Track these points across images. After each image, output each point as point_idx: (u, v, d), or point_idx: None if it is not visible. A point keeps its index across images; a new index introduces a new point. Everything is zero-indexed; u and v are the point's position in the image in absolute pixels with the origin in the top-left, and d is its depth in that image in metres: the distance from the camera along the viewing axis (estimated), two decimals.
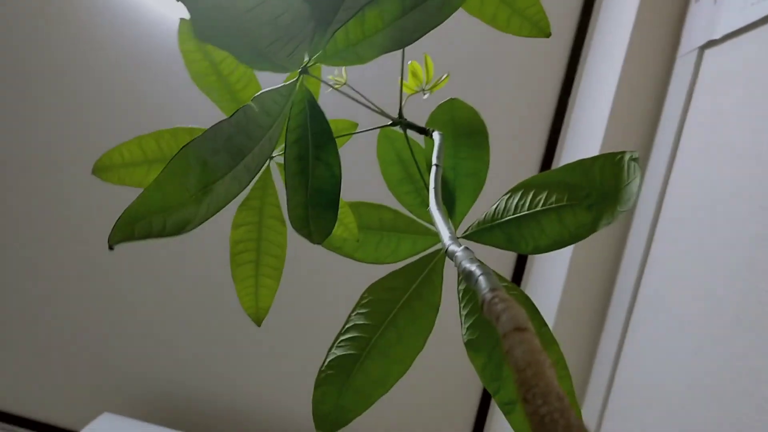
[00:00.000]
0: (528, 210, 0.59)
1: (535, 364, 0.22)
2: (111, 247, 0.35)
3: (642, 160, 1.39)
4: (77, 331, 2.03)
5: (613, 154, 0.56)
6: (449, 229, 0.48)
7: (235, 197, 0.46)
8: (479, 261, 0.38)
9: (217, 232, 1.94)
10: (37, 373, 2.05)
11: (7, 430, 2.04)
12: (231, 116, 0.41)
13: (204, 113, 1.90)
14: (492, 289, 0.31)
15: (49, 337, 2.03)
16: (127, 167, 0.56)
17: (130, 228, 0.36)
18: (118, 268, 1.99)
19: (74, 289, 2.01)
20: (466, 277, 0.36)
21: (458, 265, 0.39)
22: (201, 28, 0.37)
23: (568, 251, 1.49)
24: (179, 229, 0.39)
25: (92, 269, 2.00)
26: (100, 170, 0.55)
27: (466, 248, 0.41)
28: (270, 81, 0.55)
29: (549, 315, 1.50)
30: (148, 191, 0.37)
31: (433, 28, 0.52)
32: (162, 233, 0.38)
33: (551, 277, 1.59)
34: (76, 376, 2.05)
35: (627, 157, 0.55)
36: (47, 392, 2.06)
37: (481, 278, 0.34)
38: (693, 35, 1.34)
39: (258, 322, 0.66)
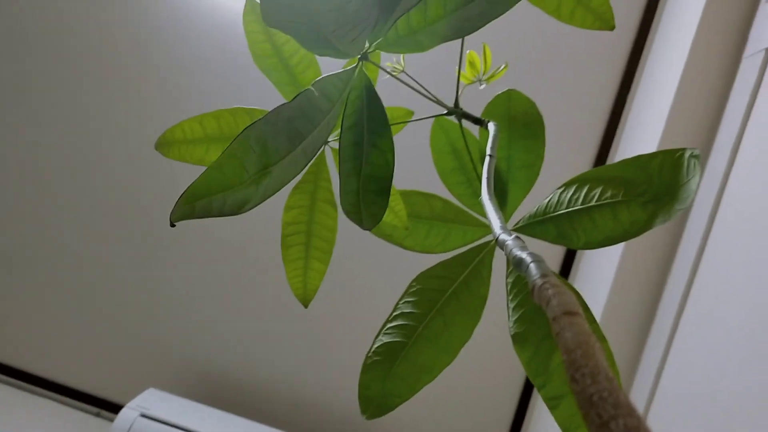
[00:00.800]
0: (582, 204, 0.58)
1: (585, 345, 0.22)
2: (172, 224, 0.36)
3: (702, 158, 1.36)
4: (127, 310, 2.09)
5: (672, 151, 0.54)
6: (500, 218, 0.47)
7: (291, 180, 0.46)
8: (529, 249, 0.37)
9: (266, 213, 1.97)
10: (89, 349, 2.12)
11: (58, 400, 2.12)
12: (292, 100, 0.42)
13: (262, 94, 1.93)
14: (543, 275, 0.31)
15: (101, 316, 2.10)
16: (188, 144, 0.57)
17: (191, 206, 0.37)
18: (167, 250, 2.04)
19: (125, 270, 2.07)
20: (516, 264, 0.36)
21: (508, 253, 0.39)
22: (269, 12, 0.38)
23: (618, 249, 1.46)
24: (237, 209, 0.40)
25: (143, 250, 2.05)
26: (162, 145, 0.57)
27: (517, 237, 0.41)
28: (328, 65, 0.55)
29: (595, 312, 1.48)
30: (210, 171, 0.38)
31: (495, 18, 0.51)
32: (221, 212, 0.38)
33: (599, 274, 1.56)
34: (125, 353, 2.11)
35: (687, 154, 0.54)
36: (98, 367, 2.13)
37: (532, 265, 0.33)
38: (760, 36, 1.29)
39: (305, 304, 0.67)
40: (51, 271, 2.10)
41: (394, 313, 0.58)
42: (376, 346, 0.57)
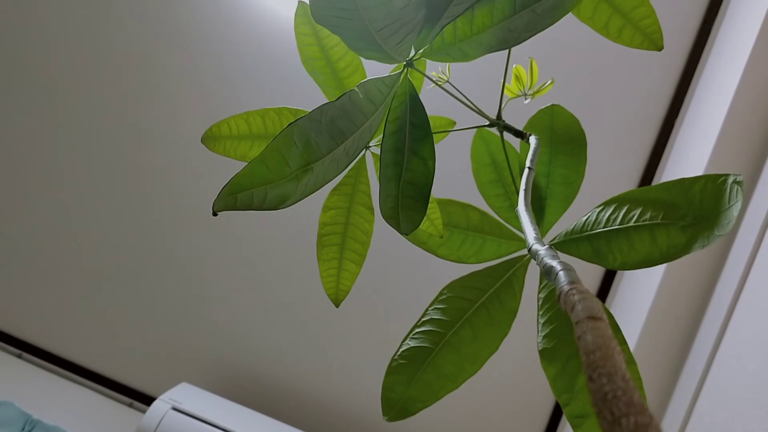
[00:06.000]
0: (620, 224, 0.57)
1: (605, 348, 0.22)
2: (215, 213, 0.37)
3: (749, 186, 1.33)
4: (166, 305, 2.13)
5: (715, 176, 0.54)
6: (535, 230, 0.47)
7: (331, 179, 0.47)
8: (561, 260, 0.38)
9: (304, 215, 1.99)
10: (127, 341, 2.17)
11: (93, 388, 2.17)
12: (337, 99, 0.43)
13: (306, 98, 1.95)
14: (570, 282, 0.32)
15: (140, 310, 2.14)
16: (233, 140, 0.59)
17: (233, 197, 0.38)
18: (206, 249, 2.08)
19: (164, 267, 2.11)
20: (546, 272, 0.36)
21: (540, 262, 0.39)
22: (318, 8, 0.39)
23: (659, 272, 1.44)
24: (278, 204, 0.41)
25: (183, 249, 2.09)
26: (208, 139, 0.58)
27: (550, 247, 0.41)
28: (375, 73, 0.56)
29: (632, 336, 1.46)
30: (253, 164, 0.39)
31: (541, 31, 0.51)
32: (262, 206, 0.39)
33: (637, 300, 1.54)
34: (162, 347, 2.15)
35: (730, 180, 0.53)
36: (134, 359, 2.17)
37: (561, 273, 0.34)
38: None
39: (337, 304, 0.68)
40: (92, 266, 2.16)
41: (423, 319, 0.58)
42: (402, 349, 0.57)
